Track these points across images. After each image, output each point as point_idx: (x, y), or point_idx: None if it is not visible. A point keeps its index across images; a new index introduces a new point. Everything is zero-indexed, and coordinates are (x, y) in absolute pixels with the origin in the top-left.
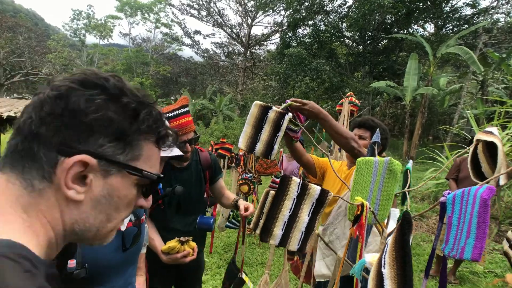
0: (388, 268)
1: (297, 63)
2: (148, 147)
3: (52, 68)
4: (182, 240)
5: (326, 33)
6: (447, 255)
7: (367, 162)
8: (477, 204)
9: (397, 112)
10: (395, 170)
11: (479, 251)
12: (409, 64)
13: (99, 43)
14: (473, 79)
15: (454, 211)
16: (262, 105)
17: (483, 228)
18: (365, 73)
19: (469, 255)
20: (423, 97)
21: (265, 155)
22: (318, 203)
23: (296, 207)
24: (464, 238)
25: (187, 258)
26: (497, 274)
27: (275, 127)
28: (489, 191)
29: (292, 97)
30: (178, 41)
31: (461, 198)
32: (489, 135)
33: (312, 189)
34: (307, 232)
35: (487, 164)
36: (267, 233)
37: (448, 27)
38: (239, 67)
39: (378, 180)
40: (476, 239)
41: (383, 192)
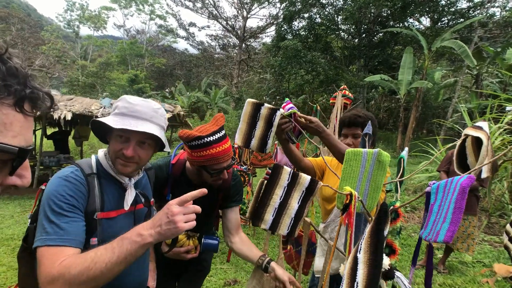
0: (363, 253)
1: (292, 55)
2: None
3: (45, 59)
4: (190, 234)
5: (321, 26)
6: (424, 239)
7: (355, 153)
8: (456, 191)
9: (391, 106)
10: (383, 161)
11: (451, 234)
12: (404, 57)
13: (93, 35)
14: (468, 73)
15: (436, 200)
16: (255, 102)
17: (458, 214)
18: (360, 66)
19: (442, 237)
20: (418, 91)
21: (260, 149)
22: (308, 191)
23: (286, 195)
24: (441, 222)
25: (188, 255)
26: (485, 264)
27: (268, 123)
28: (468, 180)
29: (288, 90)
30: (173, 33)
31: (444, 187)
32: (478, 130)
33: (302, 178)
34: (296, 218)
35: (474, 157)
36: (258, 218)
37: (443, 21)
38: (234, 59)
39: (367, 170)
40: (450, 223)
41: (372, 182)
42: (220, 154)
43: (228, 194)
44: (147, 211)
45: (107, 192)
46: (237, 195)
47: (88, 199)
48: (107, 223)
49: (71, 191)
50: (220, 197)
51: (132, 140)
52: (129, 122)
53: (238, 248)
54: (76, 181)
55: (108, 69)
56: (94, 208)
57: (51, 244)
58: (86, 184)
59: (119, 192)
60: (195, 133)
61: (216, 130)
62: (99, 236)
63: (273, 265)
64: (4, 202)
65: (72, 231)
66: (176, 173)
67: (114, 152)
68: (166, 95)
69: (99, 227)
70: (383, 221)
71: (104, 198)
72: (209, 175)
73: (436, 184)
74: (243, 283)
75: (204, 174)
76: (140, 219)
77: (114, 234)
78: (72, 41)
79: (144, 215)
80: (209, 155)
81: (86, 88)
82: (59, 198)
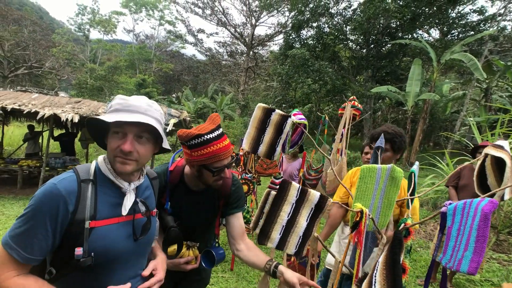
0: (379, 287)
1: (299, 64)
2: None
3: (55, 62)
4: (189, 244)
5: (330, 36)
6: (444, 266)
7: (370, 169)
8: (477, 217)
9: (398, 118)
10: (397, 178)
11: (476, 265)
12: (412, 69)
13: (102, 39)
14: (477, 86)
15: (454, 222)
16: (266, 107)
17: (482, 242)
18: (367, 77)
19: (465, 268)
20: (425, 103)
21: (268, 156)
22: (317, 208)
23: (294, 212)
24: (462, 250)
25: (188, 266)
26: (494, 283)
27: (277, 130)
28: (491, 205)
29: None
30: (182, 39)
31: (462, 209)
32: (499, 150)
33: (311, 194)
34: (304, 236)
35: (494, 177)
36: (264, 236)
37: (453, 33)
38: (241, 67)
39: (380, 187)
40: (474, 253)
41: (385, 199)
42: (221, 151)
43: (229, 200)
44: (146, 221)
45: (103, 199)
46: (238, 200)
47: (78, 206)
48: (100, 233)
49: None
50: (221, 204)
51: (129, 134)
52: (123, 115)
53: (245, 255)
54: (58, 193)
55: (116, 73)
56: (83, 216)
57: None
58: (76, 192)
59: (118, 200)
60: (194, 131)
61: (214, 128)
62: (89, 246)
63: (281, 268)
64: (10, 202)
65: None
66: (174, 180)
67: (112, 150)
68: (173, 100)
69: (89, 237)
70: (398, 250)
71: (98, 205)
72: (211, 174)
73: (453, 205)
74: None
75: (205, 174)
76: (139, 230)
77: (108, 245)
78: (82, 44)
79: (143, 225)
80: (210, 153)
81: (94, 91)
82: (35, 207)
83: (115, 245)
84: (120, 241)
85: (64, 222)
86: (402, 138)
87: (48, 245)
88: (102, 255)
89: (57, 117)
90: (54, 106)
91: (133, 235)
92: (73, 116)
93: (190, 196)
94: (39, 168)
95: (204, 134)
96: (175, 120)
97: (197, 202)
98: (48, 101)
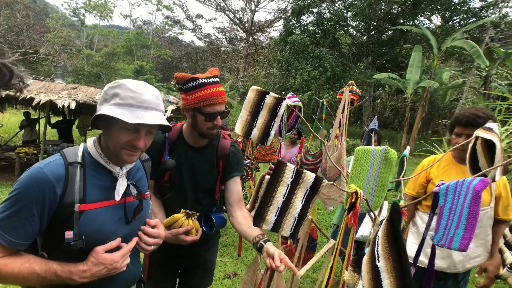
0: (383, 261)
1: (299, 50)
2: None
3: (51, 47)
4: (189, 212)
5: (330, 22)
6: (436, 244)
7: (365, 151)
8: (469, 195)
9: (397, 105)
10: (390, 159)
11: (467, 242)
12: (413, 56)
13: (99, 24)
14: (477, 74)
15: (446, 202)
16: (260, 90)
17: (473, 219)
18: (368, 64)
19: (457, 245)
20: (425, 91)
21: (261, 141)
22: (312, 189)
23: (290, 193)
24: (454, 228)
25: (188, 238)
26: None
27: (272, 113)
28: (482, 183)
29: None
30: (180, 25)
31: (454, 189)
32: (489, 132)
33: (307, 176)
34: (300, 218)
35: (485, 159)
36: (260, 218)
37: (455, 20)
38: (240, 53)
39: (374, 169)
40: (465, 230)
41: (379, 180)
42: (213, 95)
43: (227, 162)
44: (138, 204)
45: (93, 183)
46: (237, 164)
47: (66, 190)
48: (91, 216)
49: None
50: (220, 165)
51: (142, 131)
52: (141, 115)
53: (238, 223)
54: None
55: (113, 59)
56: (72, 199)
57: None
58: (63, 175)
59: (108, 183)
60: (190, 75)
61: (211, 76)
62: (79, 229)
63: (267, 245)
64: (8, 189)
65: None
66: (173, 135)
67: (120, 143)
68: (171, 87)
69: (79, 220)
70: (398, 222)
71: (87, 189)
72: (203, 119)
73: (445, 185)
74: (243, 276)
75: (199, 120)
76: (131, 213)
77: (99, 228)
78: (77, 30)
79: (135, 208)
80: (204, 96)
81: (91, 78)
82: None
83: (106, 228)
84: (111, 224)
85: (52, 206)
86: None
87: (34, 230)
88: (93, 238)
89: (54, 103)
90: (50, 93)
91: (125, 218)
92: (70, 102)
93: (190, 153)
94: (37, 156)
95: (200, 78)
96: (173, 106)
97: (197, 160)
98: (44, 87)
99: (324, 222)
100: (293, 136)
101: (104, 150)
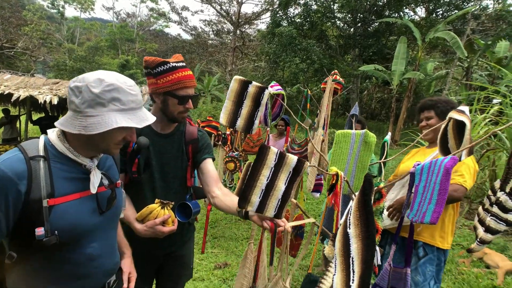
0: (353, 227)
1: (287, 43)
2: None
3: (29, 41)
4: (163, 202)
5: (317, 13)
6: (411, 220)
7: (345, 134)
8: (440, 172)
9: (384, 97)
10: (370, 142)
11: (437, 215)
12: (398, 48)
13: (80, 16)
14: (459, 65)
15: (421, 181)
16: (242, 79)
17: (443, 194)
18: (354, 56)
19: (428, 219)
20: (410, 82)
21: (246, 130)
22: (295, 172)
23: (273, 176)
24: (427, 204)
25: (165, 228)
26: (463, 247)
27: (255, 102)
28: (452, 161)
29: (282, 79)
30: (165, 17)
31: (428, 168)
32: (461, 114)
33: (289, 158)
34: (283, 199)
35: (454, 140)
36: (245, 200)
37: (438, 12)
38: (228, 46)
39: (354, 152)
40: (436, 204)
41: (359, 163)
42: (186, 78)
43: (197, 146)
44: (110, 193)
45: (60, 175)
46: (207, 147)
47: (31, 185)
48: (62, 210)
49: None
50: (190, 150)
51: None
52: (143, 116)
53: (220, 200)
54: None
55: (97, 54)
56: (39, 195)
57: None
58: (25, 171)
59: (78, 174)
60: (161, 59)
61: (178, 60)
62: (51, 225)
63: None
64: None
65: None
66: None
67: (115, 141)
68: None
69: (50, 216)
70: (369, 192)
71: (55, 182)
72: (176, 102)
73: (420, 165)
74: (233, 266)
75: (171, 104)
76: (104, 203)
77: (72, 221)
78: (57, 23)
79: (107, 198)
80: (176, 79)
81: (75, 73)
82: None
83: (80, 221)
84: (84, 216)
85: (16, 204)
86: (448, 103)
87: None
88: (67, 232)
89: (34, 99)
90: (30, 88)
91: (98, 209)
92: (52, 97)
93: (157, 140)
94: None
95: (170, 62)
96: None
97: (165, 147)
98: (23, 82)
99: (313, 211)
100: (280, 128)
101: (72, 143)
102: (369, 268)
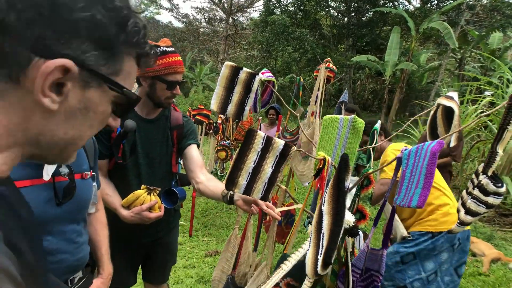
0: (327, 204)
1: (280, 31)
2: (129, 63)
3: None
4: (150, 188)
5: (311, 2)
6: (399, 205)
7: (332, 120)
8: (427, 156)
9: (376, 88)
10: (358, 128)
11: (423, 199)
12: (391, 38)
13: None
14: (452, 57)
15: (408, 165)
16: (233, 65)
17: (429, 178)
18: (348, 46)
19: (415, 203)
20: (403, 73)
21: (237, 116)
22: (282, 156)
23: (260, 160)
24: (414, 188)
25: (152, 214)
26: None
27: (246, 88)
28: (438, 145)
29: (275, 68)
30: (156, 4)
31: (415, 153)
32: (449, 100)
33: (276, 143)
34: (270, 182)
35: (443, 126)
36: (232, 182)
37: (433, 2)
38: (220, 34)
39: (342, 137)
40: (422, 189)
41: (347, 149)
42: (176, 63)
43: (182, 132)
44: (68, 183)
45: None
46: (192, 132)
47: None
48: None
49: None
50: (175, 136)
51: None
52: None
53: (205, 186)
54: None
55: None
56: None
57: None
58: None
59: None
60: (152, 42)
61: (169, 45)
62: None
63: (238, 194)
64: None
65: None
66: None
67: None
68: None
69: None
70: (343, 171)
71: None
72: (165, 87)
73: (407, 150)
74: None
75: (159, 89)
76: (60, 193)
77: None
78: None
79: (64, 188)
80: (167, 63)
81: None
82: None
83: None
84: (38, 206)
85: None
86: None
87: None
88: None
89: None
90: None
91: (55, 199)
92: None
93: (142, 125)
94: None
95: (161, 46)
96: None
97: (150, 132)
98: None
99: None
100: (271, 117)
101: None
102: (333, 243)
